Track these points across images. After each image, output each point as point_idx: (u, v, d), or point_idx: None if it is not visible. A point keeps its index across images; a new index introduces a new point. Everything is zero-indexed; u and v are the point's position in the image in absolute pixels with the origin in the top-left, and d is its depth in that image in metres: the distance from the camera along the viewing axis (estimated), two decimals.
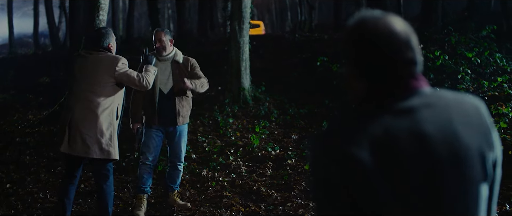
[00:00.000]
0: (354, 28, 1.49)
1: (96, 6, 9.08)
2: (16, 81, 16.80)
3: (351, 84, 1.52)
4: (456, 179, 1.39)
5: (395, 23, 1.47)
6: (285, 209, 5.60)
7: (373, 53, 1.44)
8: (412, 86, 1.46)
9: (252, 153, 7.87)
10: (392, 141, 1.36)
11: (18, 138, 9.59)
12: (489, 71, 9.37)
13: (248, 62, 10.88)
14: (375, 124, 1.38)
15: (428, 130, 1.39)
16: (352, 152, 1.35)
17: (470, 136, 1.44)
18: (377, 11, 1.51)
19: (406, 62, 1.45)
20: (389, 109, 1.42)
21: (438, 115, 1.43)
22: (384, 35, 1.44)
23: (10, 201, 6.34)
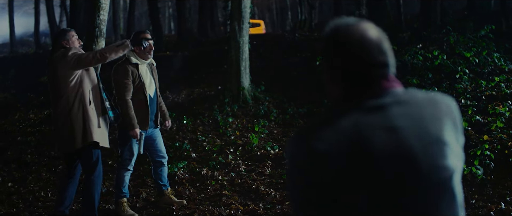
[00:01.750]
0: (329, 35, 1.59)
1: (97, 6, 9.12)
2: (17, 81, 16.86)
3: (329, 88, 1.62)
4: (430, 169, 1.45)
5: (367, 29, 1.56)
6: (284, 208, 5.66)
7: (346, 58, 1.53)
8: (383, 86, 1.54)
9: (251, 152, 7.92)
10: (362, 136, 1.43)
11: (19, 137, 9.65)
12: (487, 71, 9.40)
13: (247, 62, 10.92)
14: (345, 120, 1.46)
15: (399, 124, 1.47)
16: (322, 149, 1.42)
17: (441, 131, 1.50)
18: (351, 18, 1.60)
19: (378, 65, 1.53)
20: (361, 107, 1.50)
21: (409, 110, 1.50)
22: (355, 39, 1.53)
23: (11, 200, 6.40)
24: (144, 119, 5.54)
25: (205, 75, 14.01)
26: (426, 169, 1.45)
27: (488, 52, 9.65)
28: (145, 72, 5.57)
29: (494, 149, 6.24)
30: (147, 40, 5.51)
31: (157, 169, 5.94)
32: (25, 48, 33.45)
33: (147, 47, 5.52)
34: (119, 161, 5.72)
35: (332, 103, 1.62)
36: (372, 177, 1.41)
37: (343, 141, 1.42)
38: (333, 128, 1.46)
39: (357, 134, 1.43)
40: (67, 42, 5.16)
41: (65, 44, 5.15)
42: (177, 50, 19.06)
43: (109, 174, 7.31)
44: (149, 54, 5.57)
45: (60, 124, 5.06)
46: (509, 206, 5.11)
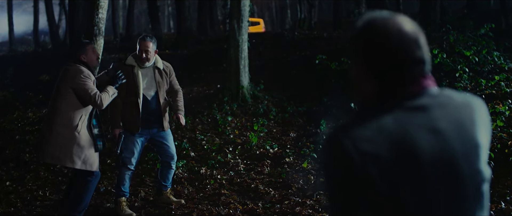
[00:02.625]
0: (363, 29, 1.51)
1: (96, 4, 9.09)
2: (16, 79, 16.81)
3: (360, 85, 1.54)
4: (471, 174, 1.43)
5: (404, 22, 1.49)
6: (283, 207, 5.64)
7: (383, 53, 1.46)
8: (422, 85, 1.48)
9: (250, 151, 7.90)
10: (408, 136, 1.38)
11: (18, 136, 9.62)
12: (487, 69, 9.38)
13: (247, 61, 10.89)
14: (390, 121, 1.40)
15: (442, 126, 1.42)
16: (371, 150, 1.36)
17: (479, 135, 1.48)
18: (385, 12, 1.53)
19: (416, 61, 1.47)
20: (402, 106, 1.44)
21: (450, 113, 1.46)
22: (393, 35, 1.46)
23: (9, 199, 6.38)
24: (134, 121, 5.57)
25: (204, 74, 13.99)
26: (468, 174, 1.43)
27: (488, 51, 9.62)
28: (143, 75, 5.61)
29: (494, 148, 6.22)
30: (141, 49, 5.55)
31: (163, 169, 5.97)
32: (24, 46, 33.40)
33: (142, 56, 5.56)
34: (120, 160, 5.75)
35: (362, 102, 1.55)
36: (418, 179, 1.37)
37: (389, 141, 1.37)
38: (376, 127, 1.40)
39: (403, 134, 1.38)
40: (85, 56, 5.22)
41: (83, 58, 5.19)
42: (177, 48, 19.04)
43: (107, 173, 7.30)
44: (142, 62, 5.59)
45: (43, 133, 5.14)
46: (509, 205, 5.09)
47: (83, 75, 5.05)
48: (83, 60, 5.20)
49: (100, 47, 9.21)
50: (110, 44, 22.11)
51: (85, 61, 5.20)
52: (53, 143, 4.99)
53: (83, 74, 5.06)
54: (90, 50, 5.26)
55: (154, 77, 5.67)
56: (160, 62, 5.76)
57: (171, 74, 5.87)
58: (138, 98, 5.54)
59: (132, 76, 5.53)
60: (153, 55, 5.65)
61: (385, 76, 1.47)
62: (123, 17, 35.71)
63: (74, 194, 5.23)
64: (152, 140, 5.81)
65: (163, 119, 5.73)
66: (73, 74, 5.06)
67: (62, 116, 5.03)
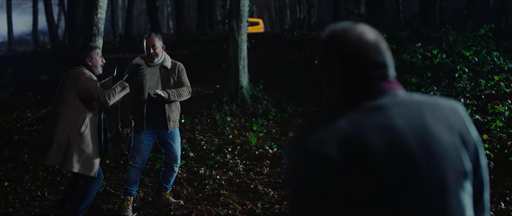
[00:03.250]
0: (326, 38, 1.58)
1: (95, 4, 9.09)
2: (15, 79, 16.81)
3: (327, 91, 1.60)
4: (429, 170, 1.41)
5: (364, 31, 1.55)
6: (282, 207, 5.63)
7: (344, 61, 1.52)
8: (382, 87, 1.52)
9: (249, 151, 7.89)
10: (361, 135, 1.40)
11: (16, 136, 9.61)
12: (486, 69, 9.37)
13: (246, 61, 10.88)
14: (344, 122, 1.44)
15: (397, 123, 1.44)
16: (319, 149, 1.40)
17: (442, 131, 1.46)
18: (346, 22, 1.59)
19: (376, 65, 1.52)
20: (359, 108, 1.48)
21: (408, 111, 1.47)
22: (353, 42, 1.52)
23: (8, 199, 6.37)
24: (139, 119, 5.58)
25: (203, 74, 13.98)
26: (427, 170, 1.41)
27: (487, 51, 9.61)
28: (150, 74, 5.61)
29: (493, 148, 6.21)
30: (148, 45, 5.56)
31: (165, 171, 5.96)
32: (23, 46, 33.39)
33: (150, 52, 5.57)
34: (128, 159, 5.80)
35: (330, 107, 1.60)
36: (370, 176, 1.38)
37: (340, 141, 1.40)
38: (330, 129, 1.44)
39: (354, 134, 1.41)
40: (91, 60, 5.19)
41: (88, 62, 5.17)
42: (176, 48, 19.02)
43: (106, 173, 7.28)
44: (150, 58, 5.59)
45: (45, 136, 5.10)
46: (509, 206, 5.08)
47: (85, 77, 5.02)
48: (88, 63, 5.17)
49: (99, 47, 9.20)
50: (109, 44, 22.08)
51: (90, 65, 5.17)
52: (56, 146, 4.96)
53: (85, 76, 5.03)
54: (97, 55, 5.23)
55: (160, 77, 5.66)
56: (168, 61, 5.73)
57: (180, 73, 5.78)
58: (143, 97, 5.54)
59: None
60: (161, 51, 5.65)
61: (348, 81, 1.53)
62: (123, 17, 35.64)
63: (78, 193, 5.21)
64: (160, 140, 5.80)
65: (168, 119, 5.67)
66: (75, 77, 5.02)
67: (65, 119, 4.99)
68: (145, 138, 5.63)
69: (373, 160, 1.38)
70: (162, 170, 6.03)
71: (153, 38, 5.62)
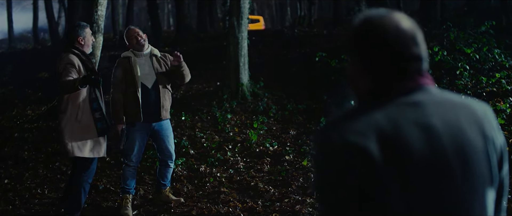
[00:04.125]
0: (360, 25, 1.50)
1: (95, 1, 9.08)
2: (15, 76, 16.78)
3: (355, 80, 1.53)
4: (461, 174, 1.39)
5: (401, 19, 1.48)
6: (282, 205, 5.61)
7: (380, 49, 1.45)
8: (418, 82, 1.46)
9: (250, 148, 7.87)
10: (399, 132, 1.36)
11: (16, 133, 9.59)
12: (488, 67, 9.35)
13: (246, 58, 10.86)
14: (381, 116, 1.38)
15: (435, 123, 1.40)
16: (359, 142, 1.34)
17: (476, 136, 1.44)
18: (382, 9, 1.52)
19: (412, 57, 1.46)
20: (395, 102, 1.43)
21: (445, 111, 1.43)
22: (390, 31, 1.45)
23: (8, 197, 6.35)
24: (135, 111, 5.52)
25: (203, 71, 13.95)
26: (459, 173, 1.39)
27: (488, 48, 9.59)
28: (142, 65, 5.61)
29: None
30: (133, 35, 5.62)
31: (161, 168, 5.91)
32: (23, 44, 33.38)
33: (140, 41, 5.61)
34: (123, 157, 5.76)
35: (357, 97, 1.54)
36: (406, 172, 1.34)
37: (378, 135, 1.35)
38: (366, 121, 1.38)
39: (392, 129, 1.36)
40: (83, 39, 5.15)
41: (80, 41, 5.12)
42: (176, 46, 18.99)
43: (107, 171, 7.27)
44: (139, 44, 5.62)
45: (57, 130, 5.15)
46: (510, 204, 5.06)
47: (61, 62, 4.96)
48: (80, 42, 5.12)
49: (99, 44, 9.19)
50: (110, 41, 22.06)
51: (82, 44, 5.13)
52: (64, 138, 4.95)
53: (63, 60, 4.96)
54: (88, 33, 5.21)
55: (152, 66, 5.66)
56: (156, 50, 5.81)
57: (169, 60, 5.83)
58: (137, 88, 5.51)
59: (129, 67, 5.53)
60: (146, 39, 5.70)
61: (381, 72, 1.46)
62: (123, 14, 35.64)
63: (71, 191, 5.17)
64: (152, 135, 5.74)
65: (161, 107, 5.63)
66: (59, 61, 4.99)
67: (62, 108, 5.00)
68: (138, 135, 5.58)
69: (412, 159, 1.35)
70: (157, 167, 6.01)
71: (135, 29, 5.73)
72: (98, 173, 7.04)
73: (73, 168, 5.27)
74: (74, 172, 5.22)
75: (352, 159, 1.33)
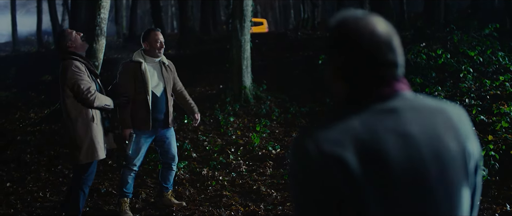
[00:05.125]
0: (335, 29, 1.47)
1: (98, 4, 9.09)
2: (19, 79, 16.82)
3: (332, 85, 1.51)
4: (440, 181, 1.37)
5: (377, 23, 1.44)
6: (285, 209, 5.58)
7: (354, 55, 1.42)
8: (394, 88, 1.43)
9: (252, 152, 7.85)
10: (376, 140, 1.33)
11: (19, 136, 9.59)
12: (492, 69, 9.31)
13: (249, 61, 10.84)
14: (358, 123, 1.36)
15: (412, 130, 1.38)
16: (335, 151, 1.32)
17: (453, 141, 1.42)
18: (359, 11, 1.49)
19: (387, 63, 1.43)
20: (371, 108, 1.40)
21: (422, 117, 1.41)
22: (364, 35, 1.41)
23: (9, 200, 6.34)
24: (145, 118, 5.44)
25: (206, 74, 13.94)
26: (437, 180, 1.37)
27: (492, 51, 9.55)
28: (151, 71, 5.50)
29: (499, 149, 6.14)
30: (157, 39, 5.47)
31: (164, 170, 5.88)
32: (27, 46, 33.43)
33: (159, 46, 5.47)
34: (125, 160, 5.68)
35: (335, 103, 1.52)
36: (384, 182, 1.32)
37: (355, 143, 1.32)
38: (342, 129, 1.35)
39: (370, 137, 1.33)
40: (72, 43, 5.07)
41: (70, 45, 5.06)
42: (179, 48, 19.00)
43: (108, 174, 7.26)
44: (159, 52, 5.50)
45: (67, 137, 5.06)
46: None
47: (71, 70, 4.88)
48: (71, 46, 5.01)
49: (102, 47, 9.19)
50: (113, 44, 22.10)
51: (74, 47, 5.02)
52: (80, 144, 4.90)
53: (71, 68, 4.89)
54: (74, 36, 5.07)
55: (161, 73, 5.59)
56: (164, 57, 5.69)
57: (174, 72, 5.81)
58: (147, 96, 5.42)
59: (140, 73, 5.40)
60: None
61: (356, 77, 1.43)
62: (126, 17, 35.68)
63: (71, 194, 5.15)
64: (156, 140, 5.70)
65: (169, 116, 5.63)
66: (64, 70, 4.91)
67: (74, 115, 4.92)
68: (144, 141, 5.53)
69: (389, 167, 1.33)
70: (160, 170, 5.98)
71: (159, 31, 5.57)
72: (100, 176, 7.03)
73: (74, 171, 5.25)
74: (75, 175, 5.20)
75: (328, 169, 1.31)
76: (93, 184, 6.67)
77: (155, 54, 5.49)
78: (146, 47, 5.48)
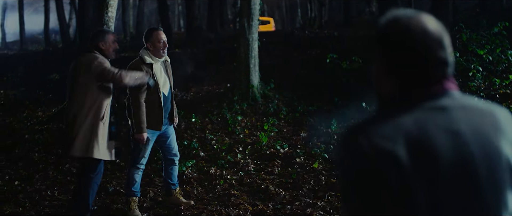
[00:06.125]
0: (387, 26, 1.48)
1: (105, 3, 9.09)
2: (26, 78, 16.86)
3: (380, 82, 1.51)
4: (489, 180, 1.38)
5: (428, 22, 1.46)
6: (293, 208, 5.55)
7: (406, 53, 1.43)
8: (444, 86, 1.45)
9: (260, 151, 7.82)
10: (427, 137, 1.34)
11: (27, 135, 9.61)
12: (501, 68, 9.25)
13: (257, 59, 10.82)
14: (409, 120, 1.37)
15: (462, 129, 1.39)
16: (387, 147, 1.33)
17: (500, 142, 1.43)
18: (409, 10, 1.50)
19: (438, 61, 1.44)
20: (422, 106, 1.41)
21: (471, 116, 1.42)
22: (416, 33, 1.42)
23: (18, 199, 6.33)
24: (158, 119, 5.44)
25: (214, 73, 13.93)
26: (486, 180, 1.37)
27: (502, 50, 9.49)
28: (159, 71, 5.47)
29: None
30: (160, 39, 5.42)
31: (168, 167, 5.86)
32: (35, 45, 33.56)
33: (162, 45, 5.42)
34: (131, 159, 5.63)
35: (380, 101, 1.52)
36: (434, 179, 1.33)
37: (407, 139, 1.33)
38: (394, 126, 1.36)
39: (421, 134, 1.34)
40: (104, 44, 5.11)
41: (101, 46, 5.09)
42: (186, 47, 18.99)
43: (116, 172, 7.25)
44: (163, 52, 5.45)
45: (70, 128, 5.03)
46: None
47: (98, 61, 4.92)
48: (101, 47, 5.09)
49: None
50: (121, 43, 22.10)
51: (103, 49, 5.10)
52: (82, 136, 4.92)
53: (98, 59, 4.94)
54: (110, 39, 5.16)
55: (166, 72, 5.60)
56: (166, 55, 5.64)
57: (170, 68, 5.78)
58: (160, 96, 5.42)
59: (152, 74, 5.37)
60: None
61: (407, 75, 1.44)
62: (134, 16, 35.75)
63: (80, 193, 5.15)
64: (158, 139, 5.67)
65: (174, 114, 5.67)
66: (88, 62, 4.93)
67: (87, 108, 4.94)
68: (151, 140, 5.52)
69: (440, 164, 1.33)
70: (163, 168, 5.92)
71: (161, 31, 5.53)
72: (107, 175, 7.03)
73: (81, 170, 5.24)
74: (82, 173, 5.19)
75: (380, 164, 1.32)
76: (101, 182, 6.66)
77: (159, 54, 5.44)
78: (150, 47, 5.42)
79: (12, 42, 40.75)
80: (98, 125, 4.97)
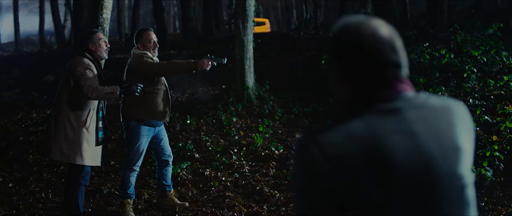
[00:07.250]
0: (339, 32, 1.50)
1: (100, 4, 9.05)
2: (21, 80, 16.80)
3: (337, 87, 1.53)
4: (449, 177, 1.39)
5: (379, 26, 1.48)
6: (288, 210, 5.55)
7: (357, 57, 1.45)
8: (397, 88, 1.45)
9: (255, 152, 7.81)
10: (380, 139, 1.35)
11: (21, 136, 9.57)
12: (495, 69, 9.26)
13: (252, 61, 10.82)
14: (361, 126, 1.38)
15: (417, 129, 1.40)
16: (339, 155, 1.34)
17: (458, 137, 1.44)
18: (360, 16, 1.52)
19: (390, 64, 1.45)
20: (374, 109, 1.42)
21: (426, 115, 1.43)
22: (366, 38, 1.45)
23: (12, 201, 6.31)
24: (163, 110, 5.47)
25: (209, 74, 13.89)
26: (446, 176, 1.38)
27: (496, 51, 9.51)
28: None
29: (503, 149, 6.09)
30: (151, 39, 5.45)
31: (162, 169, 5.83)
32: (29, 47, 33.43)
33: (153, 45, 5.46)
34: (125, 161, 5.60)
35: (338, 105, 1.54)
36: (390, 184, 1.33)
37: (359, 145, 1.34)
38: (346, 132, 1.37)
39: (373, 139, 1.35)
40: (93, 45, 5.09)
41: (91, 47, 5.08)
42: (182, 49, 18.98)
43: (111, 174, 7.23)
44: (154, 52, 5.49)
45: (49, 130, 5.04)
46: None
47: (81, 67, 4.89)
48: (90, 49, 5.07)
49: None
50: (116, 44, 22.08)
51: (93, 50, 5.07)
52: (62, 140, 4.90)
53: (83, 65, 4.90)
54: (98, 39, 5.12)
55: None
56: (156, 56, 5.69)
57: None
58: (167, 86, 5.51)
59: None
60: None
61: (359, 79, 1.46)
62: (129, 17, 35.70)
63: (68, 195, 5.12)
64: (152, 139, 5.63)
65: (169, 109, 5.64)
66: (74, 66, 4.92)
67: (70, 111, 4.92)
68: (145, 140, 5.48)
69: (394, 167, 1.33)
70: (157, 170, 5.89)
71: (152, 31, 5.57)
72: (102, 177, 7.02)
73: (69, 173, 5.21)
74: (70, 176, 5.17)
75: (332, 172, 1.33)
76: (95, 184, 6.67)
77: (154, 52, 5.52)
78: (140, 48, 5.47)
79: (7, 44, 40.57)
80: (80, 130, 4.94)
